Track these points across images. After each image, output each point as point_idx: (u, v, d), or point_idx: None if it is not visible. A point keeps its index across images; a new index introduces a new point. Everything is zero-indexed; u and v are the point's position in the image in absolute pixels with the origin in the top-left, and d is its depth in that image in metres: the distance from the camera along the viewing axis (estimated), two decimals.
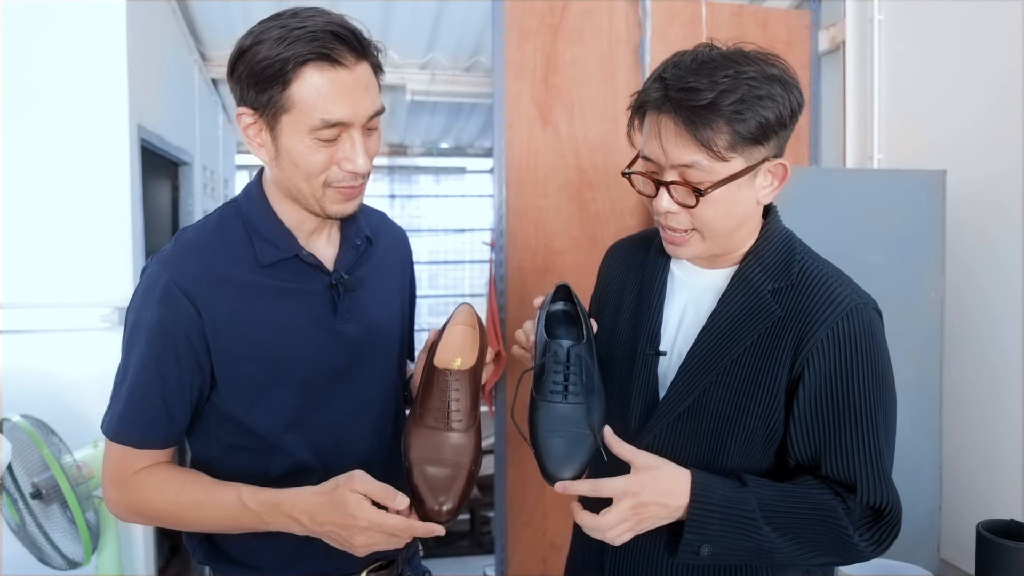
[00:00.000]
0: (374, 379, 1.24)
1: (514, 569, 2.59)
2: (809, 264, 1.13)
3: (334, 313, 1.18)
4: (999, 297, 2.07)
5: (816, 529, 1.06)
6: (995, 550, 1.48)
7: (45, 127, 2.26)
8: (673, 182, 1.04)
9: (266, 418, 1.14)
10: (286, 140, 1.06)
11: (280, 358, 1.13)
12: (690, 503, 1.02)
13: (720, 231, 1.08)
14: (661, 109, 1.02)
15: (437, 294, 6.47)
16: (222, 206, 1.21)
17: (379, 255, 1.29)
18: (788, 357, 1.07)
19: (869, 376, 1.07)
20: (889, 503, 1.08)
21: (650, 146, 1.05)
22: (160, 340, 1.09)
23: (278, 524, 1.07)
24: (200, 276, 1.10)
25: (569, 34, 2.60)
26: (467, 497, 1.08)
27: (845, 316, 1.06)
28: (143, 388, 1.11)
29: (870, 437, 1.07)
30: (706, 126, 0.98)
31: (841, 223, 2.04)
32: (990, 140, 2.10)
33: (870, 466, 1.07)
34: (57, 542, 1.90)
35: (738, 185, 1.04)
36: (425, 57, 3.89)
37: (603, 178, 2.60)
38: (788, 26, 2.82)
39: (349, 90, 1.04)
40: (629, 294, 1.25)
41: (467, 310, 1.28)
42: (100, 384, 2.27)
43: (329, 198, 1.11)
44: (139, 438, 1.12)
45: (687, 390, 1.12)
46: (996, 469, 2.08)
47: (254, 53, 1.03)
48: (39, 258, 2.26)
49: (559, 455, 1.05)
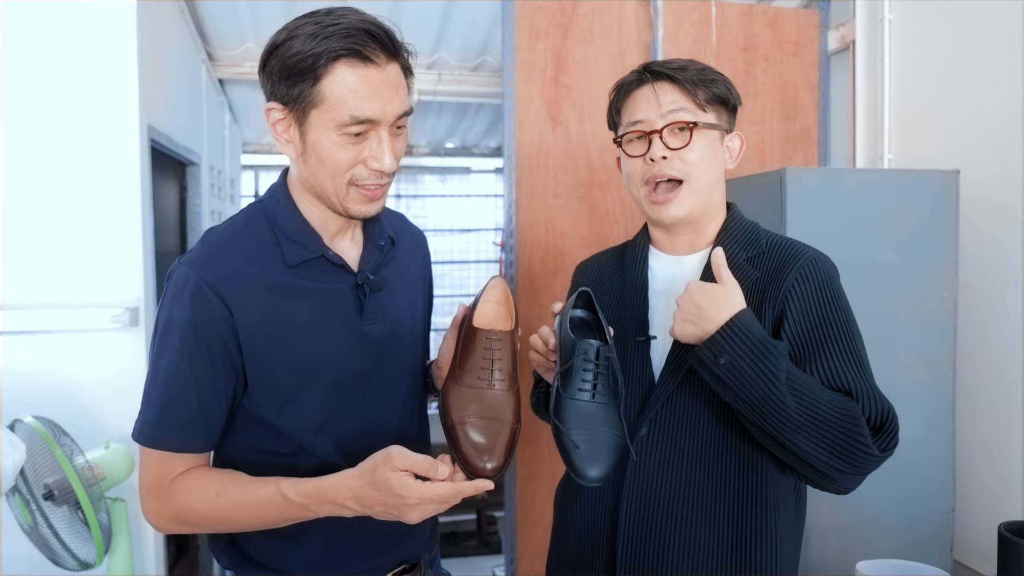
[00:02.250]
0: (398, 379, 1.24)
1: (524, 569, 2.59)
2: (773, 237, 1.29)
3: (360, 314, 1.17)
4: (1012, 297, 2.06)
5: (830, 417, 1.09)
6: (1018, 551, 1.48)
7: (56, 128, 2.26)
8: (665, 126, 1.23)
9: (296, 420, 1.14)
10: (314, 135, 1.06)
11: (310, 359, 1.13)
12: (730, 320, 1.10)
13: (702, 181, 1.24)
14: (655, 79, 1.25)
15: (442, 294, 6.46)
16: (248, 206, 1.20)
17: (401, 256, 1.29)
18: (770, 307, 1.20)
19: (839, 306, 1.20)
20: (887, 411, 1.14)
21: (643, 109, 1.25)
22: (194, 341, 1.08)
23: (326, 511, 1.06)
24: (230, 276, 1.09)
25: (579, 34, 2.59)
26: (511, 455, 1.07)
27: (810, 262, 1.22)
28: (178, 391, 1.09)
29: (854, 355, 1.16)
30: (688, 81, 1.24)
31: (852, 224, 2.03)
32: (1002, 139, 2.09)
33: (861, 380, 1.15)
34: (69, 543, 1.90)
35: (714, 138, 1.26)
36: (432, 57, 3.89)
37: (613, 178, 2.60)
38: (797, 25, 2.82)
39: (379, 88, 1.05)
40: (609, 296, 1.34)
41: (500, 286, 1.27)
42: (111, 385, 2.31)
43: (352, 198, 1.10)
44: (177, 442, 1.10)
45: (684, 358, 1.19)
46: (1009, 470, 2.07)
47: (287, 48, 1.03)
48: (50, 259, 2.27)
49: (589, 453, 1.06)
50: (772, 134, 2.77)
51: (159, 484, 1.11)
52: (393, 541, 1.23)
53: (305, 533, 1.14)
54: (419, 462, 1.00)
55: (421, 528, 1.27)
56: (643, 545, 1.21)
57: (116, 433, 2.25)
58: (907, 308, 2.07)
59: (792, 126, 2.81)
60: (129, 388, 2.33)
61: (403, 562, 1.25)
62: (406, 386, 1.26)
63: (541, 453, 2.56)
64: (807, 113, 2.83)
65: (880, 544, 1.94)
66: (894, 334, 2.04)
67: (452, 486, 1.01)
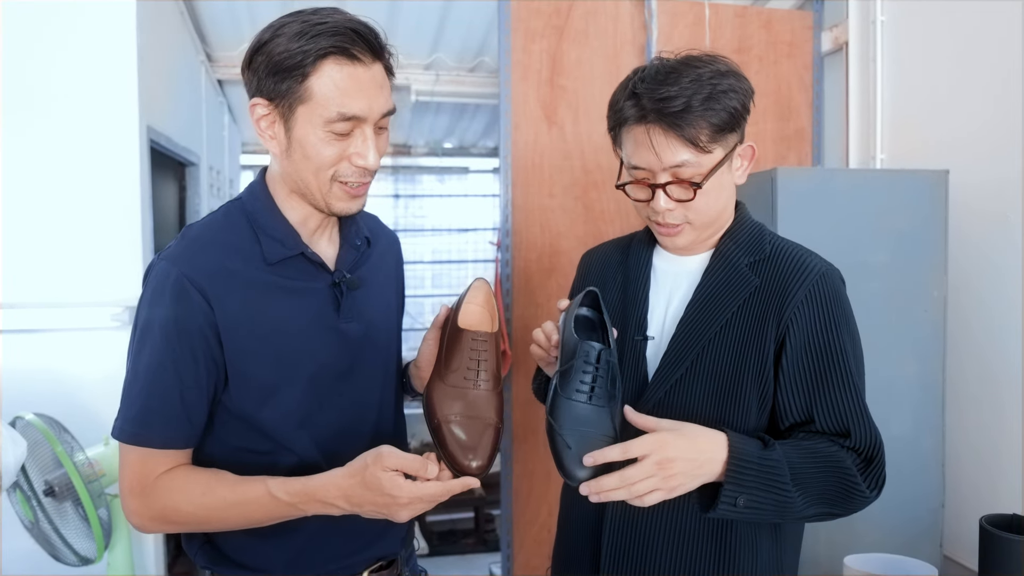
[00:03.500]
0: (375, 378, 1.25)
1: (520, 566, 2.61)
2: (778, 241, 1.26)
3: (337, 312, 1.18)
4: (1001, 296, 2.09)
5: (828, 483, 1.12)
6: (998, 544, 1.50)
7: (56, 128, 2.28)
8: (668, 183, 1.16)
9: (276, 417, 1.14)
10: (300, 131, 1.07)
11: (289, 356, 1.13)
12: (729, 456, 1.06)
13: (710, 217, 1.21)
14: (646, 120, 1.14)
15: (440, 293, 6.48)
16: (227, 203, 1.21)
17: (376, 256, 1.30)
18: (772, 322, 1.18)
19: (845, 331, 1.18)
20: (877, 446, 1.16)
21: (641, 155, 1.17)
22: (175, 337, 1.08)
23: (314, 510, 1.07)
24: (211, 272, 1.09)
25: (575, 35, 2.62)
26: (495, 453, 1.09)
27: (819, 279, 1.18)
28: (160, 387, 1.08)
29: (854, 386, 1.17)
30: (688, 126, 1.12)
31: (844, 223, 2.06)
32: (992, 140, 2.12)
33: (857, 413, 1.16)
34: (69, 539, 1.92)
35: (721, 173, 1.18)
36: (430, 57, 3.91)
37: (608, 178, 2.62)
38: (791, 27, 2.84)
39: (365, 86, 1.06)
40: (612, 290, 1.33)
41: (483, 288, 1.28)
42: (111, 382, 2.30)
43: (335, 195, 1.11)
44: (160, 439, 1.10)
45: (678, 360, 1.21)
46: (998, 466, 2.10)
47: (275, 45, 1.05)
48: (50, 258, 2.29)
49: (578, 454, 1.06)
50: (766, 135, 2.79)
51: (141, 483, 1.10)
52: (370, 539, 1.24)
53: (283, 531, 1.14)
54: (409, 462, 1.01)
55: (398, 526, 1.27)
56: (628, 544, 1.23)
57: None
58: (897, 307, 2.09)
59: (786, 127, 2.83)
60: None
61: (380, 559, 1.26)
62: (382, 385, 1.27)
63: (537, 451, 2.58)
64: (801, 114, 2.85)
65: (870, 540, 1.96)
66: (884, 332, 2.07)
67: (442, 485, 1.03)
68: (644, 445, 1.03)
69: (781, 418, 1.19)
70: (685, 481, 1.05)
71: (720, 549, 1.20)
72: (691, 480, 1.05)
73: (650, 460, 1.02)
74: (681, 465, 1.03)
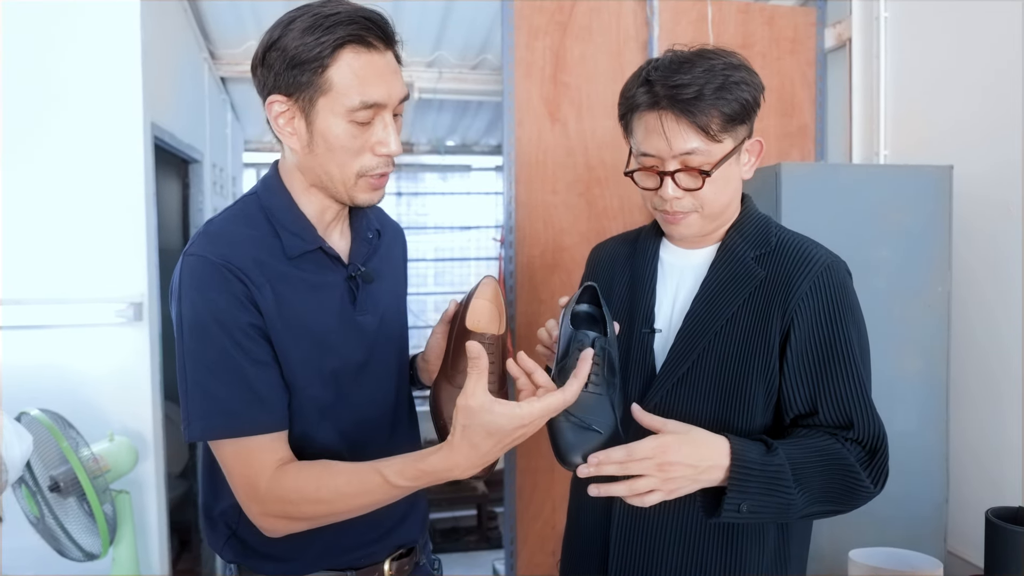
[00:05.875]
0: (390, 369, 1.26)
1: (524, 563, 2.61)
2: (784, 234, 1.26)
3: (353, 305, 1.19)
4: (1005, 292, 2.09)
5: (831, 481, 1.12)
6: (1004, 536, 1.51)
7: (61, 126, 2.29)
8: (677, 170, 1.16)
9: (303, 409, 1.14)
10: (322, 124, 1.07)
11: (314, 349, 1.14)
12: (732, 463, 1.07)
13: (717, 207, 1.21)
14: (659, 107, 1.15)
15: (443, 291, 6.48)
16: (242, 198, 1.20)
17: (385, 248, 1.31)
18: (777, 314, 1.18)
19: (851, 323, 1.18)
20: (881, 438, 1.16)
21: (651, 142, 1.17)
22: (231, 322, 1.05)
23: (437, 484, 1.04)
24: (244, 263, 1.08)
25: (578, 32, 2.62)
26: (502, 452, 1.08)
27: (824, 271, 1.18)
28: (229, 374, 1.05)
29: (859, 377, 1.17)
30: (701, 113, 1.13)
31: (848, 218, 2.06)
32: (995, 136, 2.11)
33: (862, 404, 1.16)
34: (74, 534, 1.93)
35: (729, 164, 1.18)
36: (432, 55, 3.91)
37: (611, 174, 2.63)
38: (794, 23, 2.84)
39: (383, 72, 1.07)
40: (620, 284, 1.34)
41: (491, 286, 1.28)
42: (116, 378, 2.34)
43: (360, 187, 1.12)
44: (249, 424, 1.06)
45: (685, 354, 1.21)
46: (1002, 462, 2.09)
47: (289, 39, 1.05)
48: (54, 255, 2.29)
49: (574, 440, 1.06)
50: (770, 131, 2.79)
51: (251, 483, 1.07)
52: (391, 526, 1.25)
53: None
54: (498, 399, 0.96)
55: (416, 512, 1.30)
56: (636, 538, 1.23)
57: (120, 426, 2.28)
58: (901, 302, 2.09)
59: (789, 123, 2.83)
60: (133, 382, 2.36)
61: (400, 547, 1.27)
62: (396, 376, 1.28)
63: (540, 448, 2.57)
64: (804, 110, 2.85)
65: (874, 535, 1.96)
66: (888, 328, 2.07)
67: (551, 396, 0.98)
68: (647, 448, 1.04)
69: (786, 409, 1.19)
70: (685, 485, 1.06)
71: (728, 543, 1.20)
72: (691, 484, 1.07)
73: (651, 462, 1.04)
74: (682, 470, 1.05)
